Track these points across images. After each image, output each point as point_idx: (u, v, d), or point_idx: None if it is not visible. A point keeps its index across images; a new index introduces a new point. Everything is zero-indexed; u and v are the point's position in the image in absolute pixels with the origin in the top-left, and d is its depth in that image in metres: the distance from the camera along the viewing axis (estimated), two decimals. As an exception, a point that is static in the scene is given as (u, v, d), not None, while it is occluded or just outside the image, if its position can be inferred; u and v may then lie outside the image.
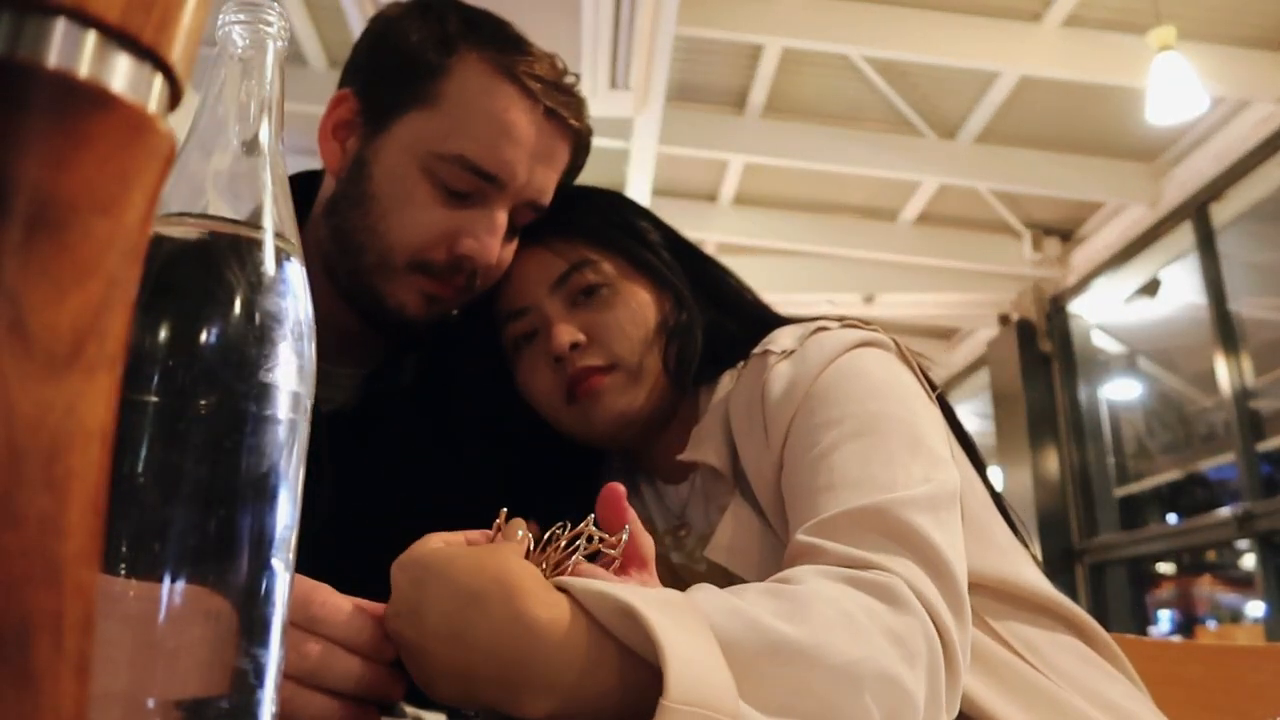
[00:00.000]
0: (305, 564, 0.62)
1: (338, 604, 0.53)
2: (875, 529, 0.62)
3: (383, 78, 0.85)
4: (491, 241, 0.84)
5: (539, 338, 0.90)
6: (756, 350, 0.83)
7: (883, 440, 0.69)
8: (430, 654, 0.50)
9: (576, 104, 0.88)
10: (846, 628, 0.52)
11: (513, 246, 0.89)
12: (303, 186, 0.92)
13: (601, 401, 0.87)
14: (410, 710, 0.73)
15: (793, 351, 0.79)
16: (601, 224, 0.92)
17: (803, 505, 0.68)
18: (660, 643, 0.44)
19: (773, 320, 0.91)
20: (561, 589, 0.50)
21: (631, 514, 0.62)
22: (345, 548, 0.83)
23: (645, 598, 0.48)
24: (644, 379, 0.88)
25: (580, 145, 0.90)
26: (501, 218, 0.85)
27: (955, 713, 0.58)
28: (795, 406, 0.75)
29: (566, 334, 0.87)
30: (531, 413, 0.94)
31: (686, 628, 0.46)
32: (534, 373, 0.90)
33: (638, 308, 0.89)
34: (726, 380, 0.86)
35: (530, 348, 0.91)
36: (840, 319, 0.83)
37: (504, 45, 0.84)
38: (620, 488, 0.62)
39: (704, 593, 0.53)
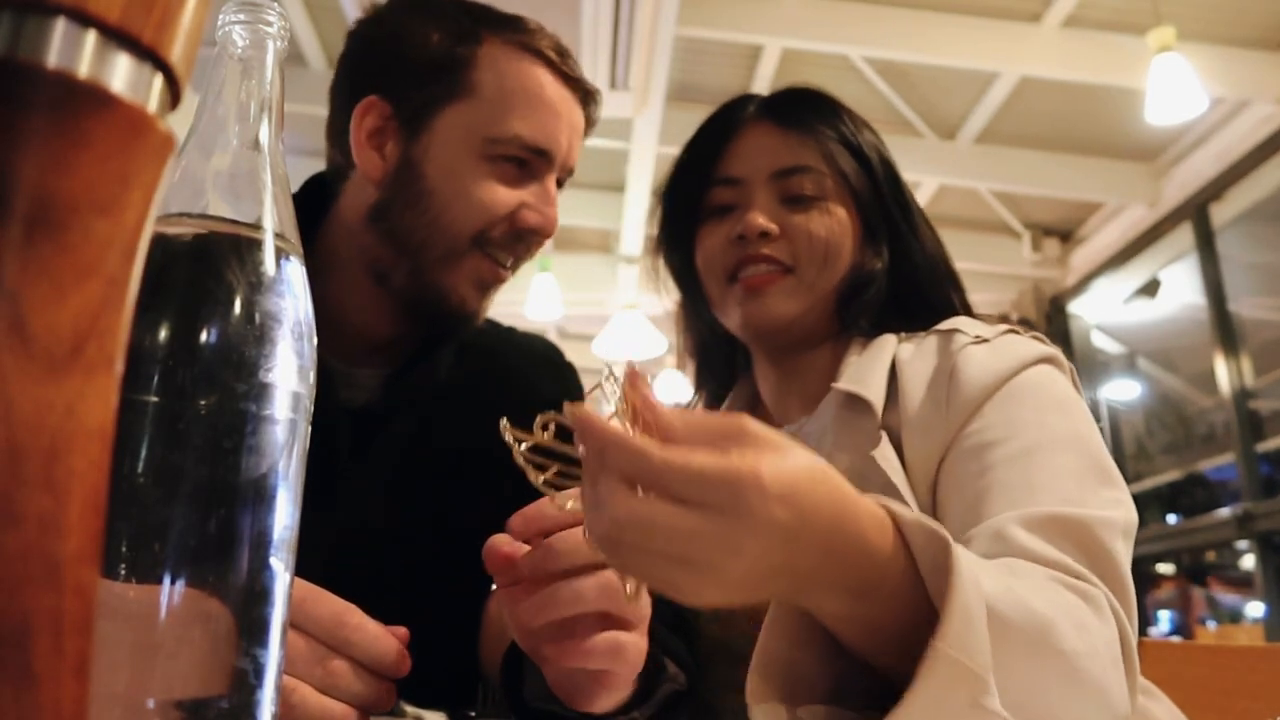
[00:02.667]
0: (330, 560, 0.63)
1: (369, 629, 0.56)
2: (1074, 541, 0.63)
3: (411, 80, 0.86)
4: (551, 211, 0.88)
5: (735, 213, 0.92)
6: (942, 327, 0.84)
7: (1078, 458, 0.71)
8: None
9: (578, 66, 0.91)
10: (1083, 637, 0.53)
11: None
12: (313, 190, 0.92)
13: (763, 300, 0.90)
14: (410, 710, 0.74)
15: (985, 340, 0.80)
16: (842, 141, 0.93)
17: (989, 494, 0.69)
18: (956, 571, 0.44)
19: (951, 309, 0.91)
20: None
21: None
22: (368, 544, 0.83)
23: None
24: (810, 296, 0.90)
25: (594, 104, 0.93)
26: (553, 187, 0.89)
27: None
28: (987, 394, 0.76)
29: (762, 219, 0.89)
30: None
31: (974, 579, 0.46)
32: (711, 239, 0.93)
33: (838, 231, 0.90)
34: (889, 340, 0.88)
35: (719, 220, 0.93)
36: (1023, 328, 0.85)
37: (514, 26, 0.87)
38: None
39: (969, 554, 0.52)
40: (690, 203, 0.96)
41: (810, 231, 0.89)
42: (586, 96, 0.91)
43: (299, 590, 0.54)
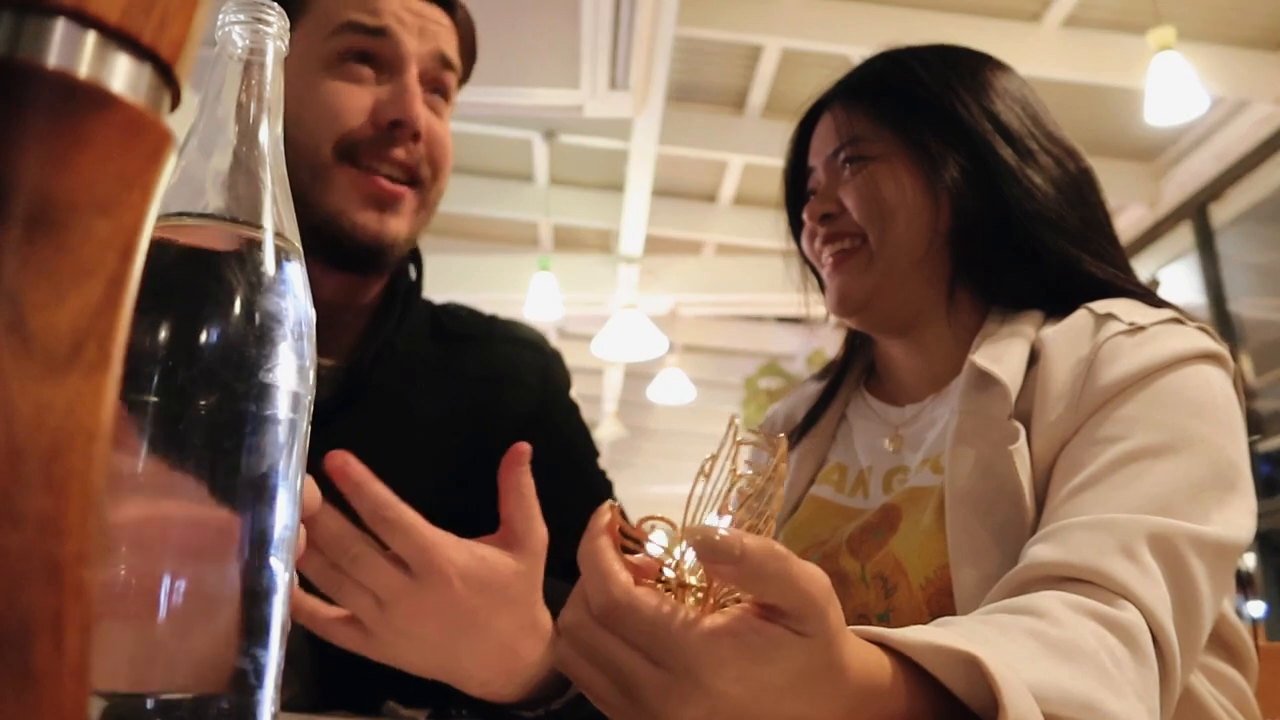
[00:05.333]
0: None
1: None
2: (1155, 550, 0.62)
3: None
4: (411, 102, 0.83)
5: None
6: (1097, 308, 0.77)
7: (1201, 469, 0.67)
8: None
9: None
10: (1116, 692, 0.52)
11: (442, 119, 0.88)
12: None
13: (837, 278, 0.88)
14: (391, 705, 0.74)
15: (1140, 328, 0.74)
16: (909, 97, 0.88)
17: (1088, 489, 0.67)
18: (1004, 702, 0.44)
19: (1106, 288, 0.81)
20: (877, 639, 0.47)
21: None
22: None
23: (977, 643, 0.47)
24: (885, 263, 0.85)
25: (451, 6, 0.89)
26: (411, 79, 0.84)
27: None
28: (1121, 388, 0.71)
29: (819, 205, 0.89)
30: (514, 402, 0.94)
31: (1019, 686, 0.46)
32: (805, 231, 0.93)
33: (895, 186, 0.85)
34: (1033, 316, 0.81)
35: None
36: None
37: None
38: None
39: (1004, 639, 0.52)
40: (795, 197, 0.97)
41: (861, 191, 0.86)
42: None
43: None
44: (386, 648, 0.59)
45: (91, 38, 0.21)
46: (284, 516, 0.39)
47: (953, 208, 0.84)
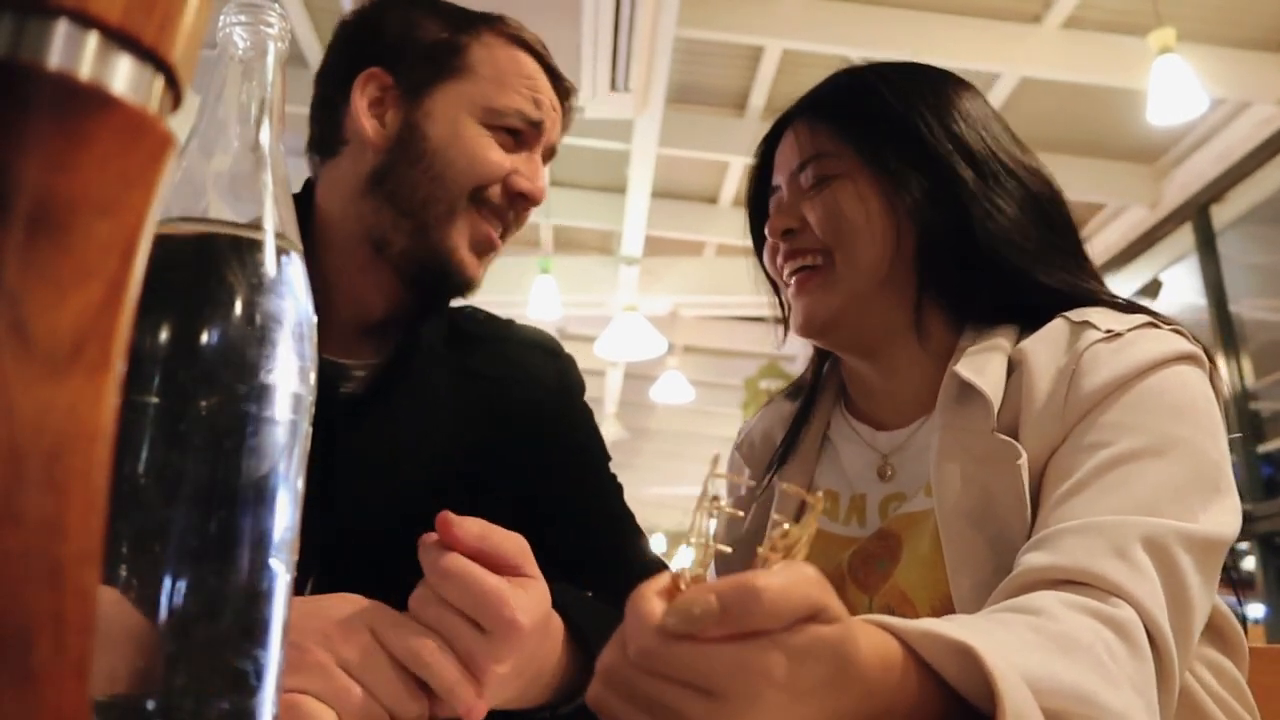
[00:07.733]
0: (330, 552, 0.64)
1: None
2: (1146, 549, 0.62)
3: (411, 57, 0.91)
4: (540, 181, 0.93)
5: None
6: (1073, 316, 0.78)
7: (1185, 470, 0.68)
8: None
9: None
10: (1114, 685, 0.53)
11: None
12: (306, 188, 0.95)
13: (804, 299, 0.88)
14: None
15: (1117, 335, 0.75)
16: (873, 114, 0.88)
17: (1077, 495, 0.67)
18: (1000, 692, 0.44)
19: (1073, 301, 0.82)
20: (883, 625, 0.48)
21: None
22: (365, 530, 0.83)
23: (973, 633, 0.47)
24: (852, 281, 0.85)
25: (570, 96, 0.99)
26: (539, 160, 0.94)
27: None
28: (1105, 395, 0.72)
29: (780, 220, 0.89)
30: (537, 403, 0.96)
31: (1014, 679, 0.46)
32: (767, 249, 0.94)
33: (859, 204, 0.85)
34: (1009, 330, 0.81)
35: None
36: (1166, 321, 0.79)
37: (503, 22, 0.94)
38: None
39: (1001, 630, 0.52)
40: (758, 215, 0.98)
41: (824, 208, 0.85)
42: (566, 92, 0.97)
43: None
44: None
45: (93, 39, 0.21)
46: (284, 517, 0.39)
47: (915, 227, 0.84)
